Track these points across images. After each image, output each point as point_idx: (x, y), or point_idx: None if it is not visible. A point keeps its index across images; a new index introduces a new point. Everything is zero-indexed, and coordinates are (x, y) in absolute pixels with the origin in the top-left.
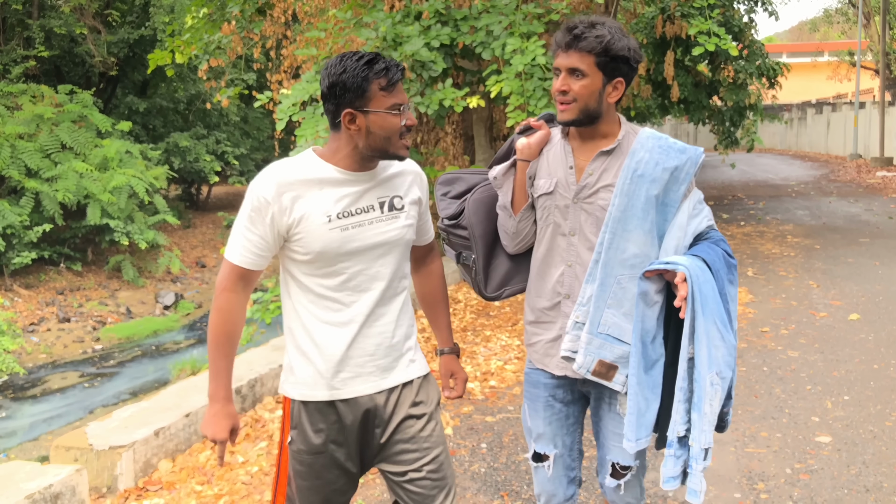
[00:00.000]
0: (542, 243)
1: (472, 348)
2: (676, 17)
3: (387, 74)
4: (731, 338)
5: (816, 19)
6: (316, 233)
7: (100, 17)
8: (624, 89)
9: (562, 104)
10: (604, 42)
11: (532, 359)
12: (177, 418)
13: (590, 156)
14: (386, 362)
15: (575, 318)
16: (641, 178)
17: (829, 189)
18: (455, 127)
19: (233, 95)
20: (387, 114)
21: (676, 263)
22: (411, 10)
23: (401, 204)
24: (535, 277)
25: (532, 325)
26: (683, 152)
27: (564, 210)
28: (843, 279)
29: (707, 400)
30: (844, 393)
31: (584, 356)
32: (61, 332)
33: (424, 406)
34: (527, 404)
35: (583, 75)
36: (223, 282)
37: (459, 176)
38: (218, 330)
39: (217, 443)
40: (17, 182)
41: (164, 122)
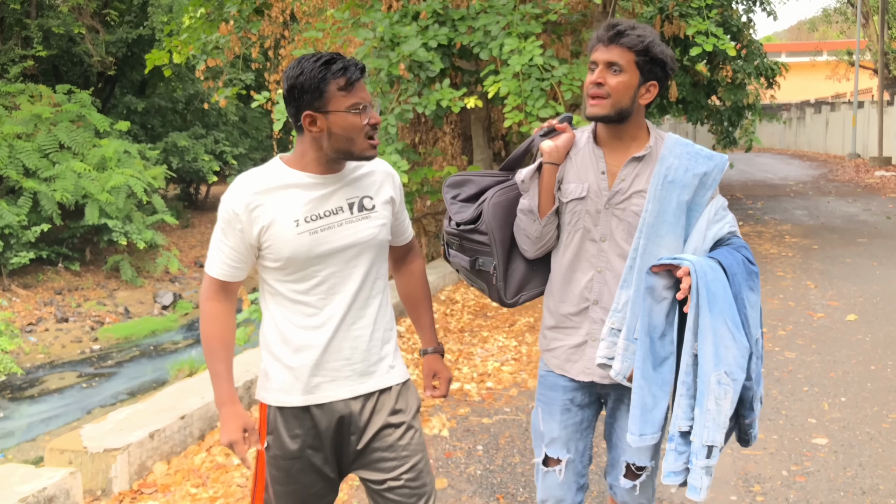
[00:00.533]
0: (570, 248)
1: (470, 349)
2: (675, 16)
3: (345, 74)
4: (743, 340)
5: (815, 19)
6: (284, 239)
7: (98, 16)
8: (656, 93)
9: (594, 97)
10: (645, 42)
11: (550, 364)
12: (172, 420)
13: (620, 160)
14: (363, 367)
15: (611, 325)
16: (672, 184)
17: (827, 189)
18: (453, 127)
19: (230, 95)
20: (347, 113)
21: (682, 259)
22: (409, 10)
23: (371, 204)
24: (561, 282)
25: (553, 330)
26: (711, 159)
27: (595, 215)
28: (841, 279)
29: (712, 397)
30: (841, 394)
31: (621, 362)
32: (59, 332)
33: (403, 414)
34: (541, 408)
35: (620, 70)
36: (205, 293)
37: (469, 178)
38: (209, 336)
39: (233, 446)
40: (15, 182)
41: (162, 122)
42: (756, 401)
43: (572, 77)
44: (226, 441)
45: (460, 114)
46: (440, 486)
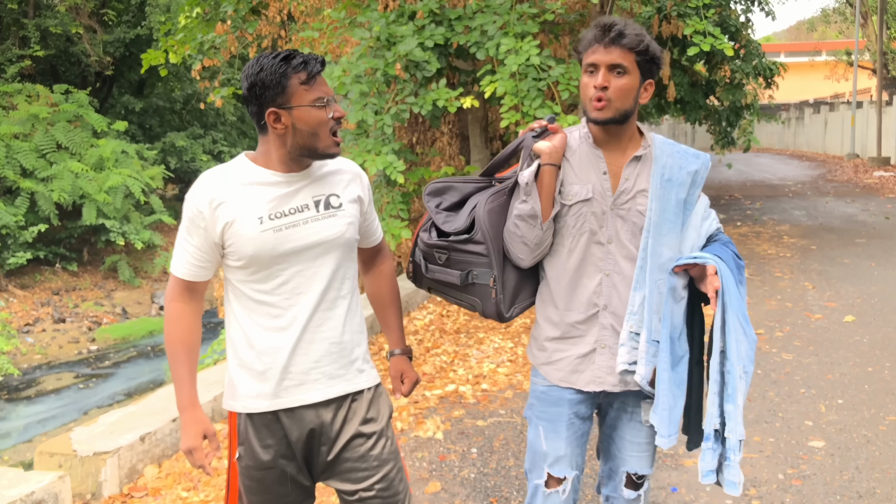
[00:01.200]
0: (575, 252)
1: (465, 351)
2: (673, 16)
3: (305, 68)
4: (752, 333)
5: (814, 19)
6: (247, 236)
7: (96, 16)
8: (653, 91)
9: (599, 101)
10: (645, 41)
11: (552, 377)
12: (163, 423)
13: (620, 160)
14: (332, 370)
15: (629, 329)
16: (670, 182)
17: (826, 189)
18: (451, 127)
19: (226, 95)
20: (311, 108)
21: (705, 257)
22: (405, 9)
23: (338, 202)
24: (566, 289)
25: (556, 341)
26: (698, 157)
27: (601, 217)
28: (839, 280)
29: (740, 392)
30: (838, 396)
31: (645, 366)
32: (56, 332)
33: (375, 423)
34: (542, 426)
35: (625, 72)
36: (170, 293)
37: (450, 185)
38: (172, 339)
39: (192, 452)
40: (12, 182)
41: (160, 122)
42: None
43: (569, 77)
44: (185, 447)
45: (458, 114)
46: (433, 489)
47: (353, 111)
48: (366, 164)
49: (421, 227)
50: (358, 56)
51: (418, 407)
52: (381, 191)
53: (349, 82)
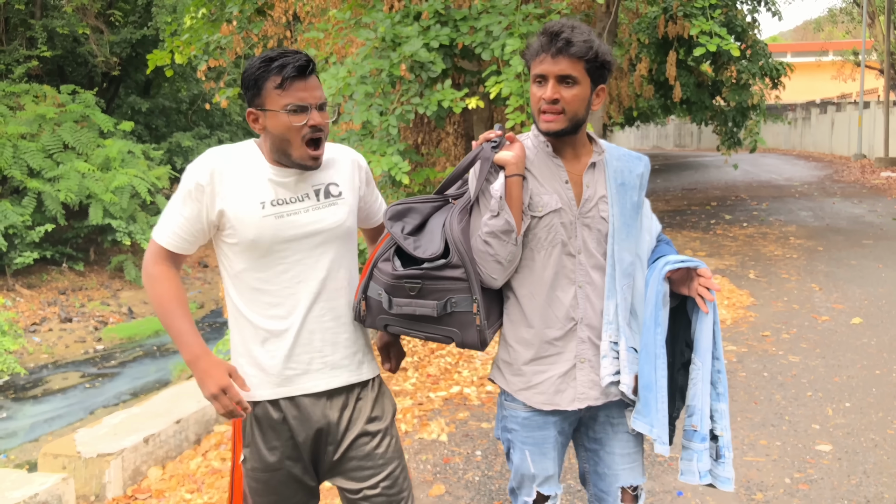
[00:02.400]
0: (549, 266)
1: (470, 352)
2: (679, 17)
3: (280, 72)
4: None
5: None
6: (249, 220)
7: (102, 16)
8: (605, 97)
9: (550, 114)
10: (594, 47)
11: (534, 402)
12: (167, 425)
13: (577, 168)
14: (334, 359)
15: (609, 339)
16: (623, 186)
17: (832, 190)
18: (456, 128)
19: (232, 96)
20: (281, 113)
21: (691, 260)
22: (411, 10)
23: (338, 191)
24: (542, 305)
25: (533, 363)
26: (640, 159)
27: (570, 227)
28: (846, 282)
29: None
30: (846, 399)
31: (628, 374)
32: (63, 332)
33: (380, 422)
34: (529, 450)
35: (574, 82)
36: (150, 259)
37: (409, 206)
38: (163, 296)
39: (225, 391)
40: (19, 182)
41: (166, 122)
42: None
43: None
44: (216, 388)
45: (463, 114)
46: (437, 492)
47: (358, 112)
48: (371, 165)
49: (376, 257)
50: (363, 57)
51: (423, 409)
52: (387, 191)
53: (354, 83)
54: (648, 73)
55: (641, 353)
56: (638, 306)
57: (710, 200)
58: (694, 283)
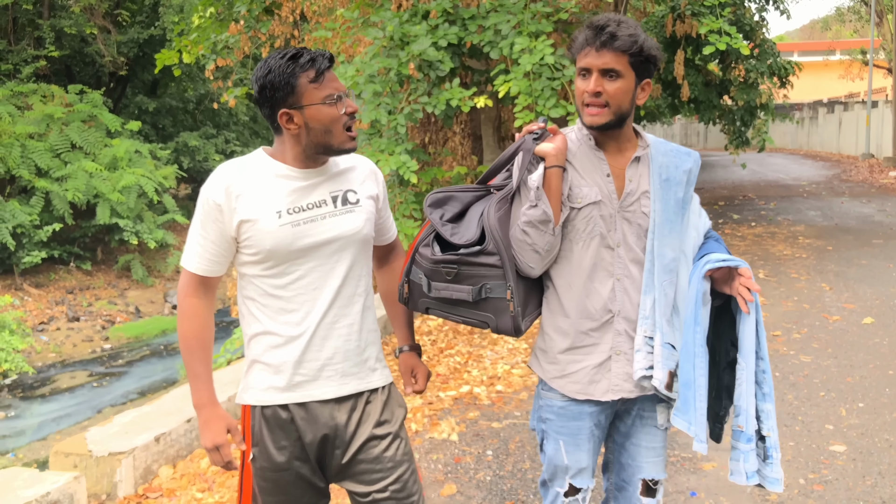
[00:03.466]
0: (587, 257)
1: (479, 352)
2: (687, 15)
3: (313, 66)
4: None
5: (828, 17)
6: (266, 230)
7: (110, 16)
8: (650, 91)
9: (593, 107)
10: (639, 41)
11: (569, 391)
12: (178, 423)
13: (621, 162)
14: (345, 367)
15: (643, 333)
16: (668, 182)
17: (841, 189)
18: (463, 127)
19: (239, 95)
20: (322, 105)
21: (736, 260)
22: (419, 9)
23: (356, 198)
24: (579, 296)
25: (569, 352)
26: (689, 155)
27: (610, 220)
28: (857, 281)
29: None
30: (859, 400)
31: (661, 370)
32: (70, 331)
33: (389, 425)
34: (563, 441)
35: (618, 76)
36: (184, 289)
37: (450, 194)
38: (188, 335)
39: (219, 449)
40: (27, 182)
41: (173, 122)
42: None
43: None
44: (210, 444)
45: (470, 114)
46: (449, 492)
47: (367, 111)
48: (379, 164)
49: (418, 242)
50: (371, 56)
51: (433, 408)
52: (395, 190)
53: (362, 82)
54: (656, 71)
55: (682, 350)
56: (680, 303)
57: (718, 200)
58: (735, 283)
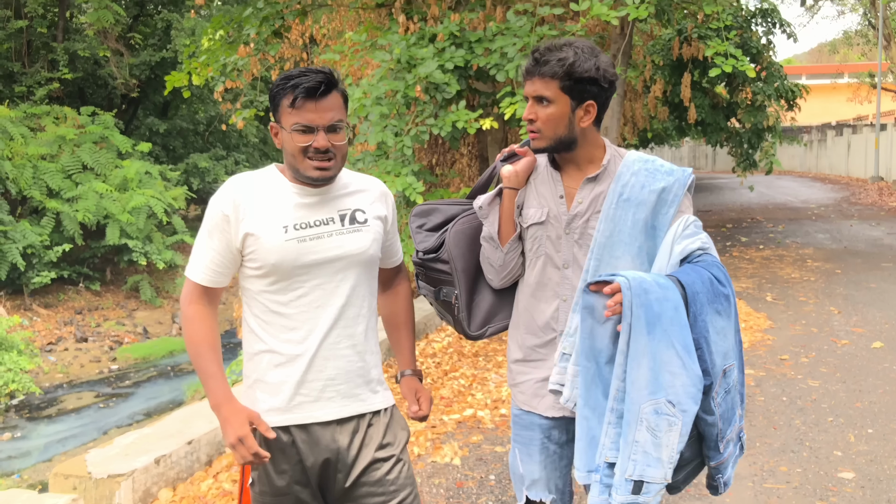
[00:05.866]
0: (532, 276)
1: (484, 374)
2: (693, 38)
3: (292, 91)
4: (695, 367)
5: (836, 41)
6: (270, 244)
7: (123, 39)
8: (597, 112)
9: (531, 133)
10: (566, 65)
11: (518, 400)
12: (179, 445)
13: (577, 183)
14: (347, 388)
15: (562, 350)
16: (627, 202)
17: (850, 212)
18: (470, 149)
19: (248, 117)
20: (290, 132)
21: (618, 275)
22: (426, 32)
23: (363, 218)
24: (525, 312)
25: (519, 363)
26: (671, 174)
27: (556, 241)
28: (866, 305)
29: (643, 427)
30: (868, 426)
31: (570, 389)
32: (78, 351)
33: (392, 448)
34: (518, 448)
35: (548, 102)
36: (187, 297)
37: (435, 207)
38: (196, 338)
39: (243, 441)
40: (38, 202)
41: (183, 143)
42: (723, 441)
43: None
44: (233, 439)
45: (477, 135)
46: None
47: (374, 133)
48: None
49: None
50: (378, 78)
51: (435, 432)
52: (401, 212)
53: (369, 104)
54: (663, 94)
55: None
56: None
57: (726, 222)
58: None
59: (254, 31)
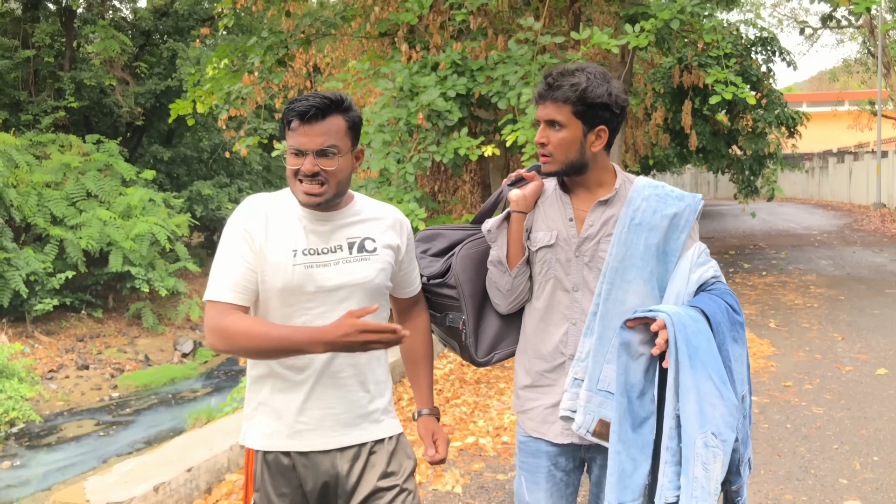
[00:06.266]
0: (541, 299)
1: (486, 401)
2: (694, 66)
3: (290, 114)
4: (732, 396)
5: (836, 69)
6: (279, 267)
7: (129, 68)
8: (608, 137)
9: (542, 156)
10: (579, 90)
11: (526, 427)
12: (178, 473)
13: (588, 206)
14: (348, 418)
15: (574, 375)
16: (639, 226)
17: (852, 238)
18: (472, 175)
19: (251, 145)
20: (288, 153)
21: (658, 310)
22: (428, 60)
23: (372, 247)
24: (533, 337)
25: (527, 389)
26: (682, 199)
27: (566, 264)
28: (870, 331)
29: (699, 463)
30: (873, 453)
31: (583, 415)
32: (79, 379)
33: (395, 477)
34: (524, 476)
35: (560, 126)
36: (215, 318)
37: (439, 232)
38: (246, 328)
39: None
40: (42, 230)
41: (187, 171)
42: (744, 465)
43: None
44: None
45: (479, 162)
46: None
47: (376, 160)
48: None
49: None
50: (381, 106)
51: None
52: None
53: (372, 132)
54: (664, 121)
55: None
56: None
57: (728, 249)
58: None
59: (258, 59)
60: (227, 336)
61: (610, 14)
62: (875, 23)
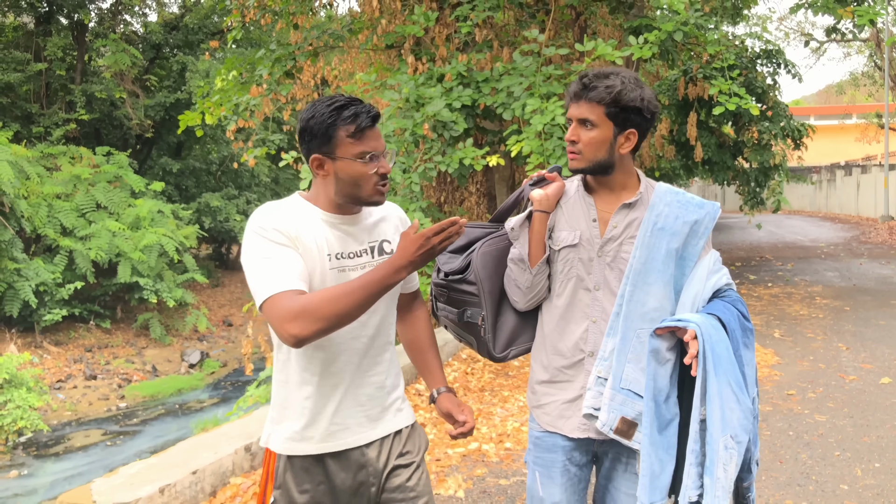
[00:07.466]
0: (562, 297)
1: (489, 409)
2: (699, 79)
3: (355, 121)
4: (746, 400)
5: (843, 82)
6: (318, 270)
7: (139, 81)
8: (637, 140)
9: (572, 153)
10: (613, 92)
11: (542, 421)
12: (183, 475)
13: (611, 208)
14: (375, 412)
15: (597, 374)
16: (662, 230)
17: (859, 251)
18: (478, 186)
19: (259, 155)
20: (354, 161)
21: (688, 321)
22: (434, 72)
23: (390, 248)
24: (552, 334)
25: (545, 384)
26: (702, 207)
27: (588, 263)
28: (874, 342)
29: (720, 464)
30: (875, 460)
31: (607, 413)
32: (87, 389)
33: (411, 455)
34: (538, 471)
35: (592, 126)
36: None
37: None
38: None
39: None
40: (52, 240)
41: (196, 183)
42: (753, 462)
43: None
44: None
45: (485, 172)
46: None
47: None
48: None
49: (434, 268)
50: (388, 117)
51: (440, 465)
52: None
53: None
54: (669, 133)
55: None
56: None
57: (735, 261)
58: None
59: (266, 71)
60: (312, 312)
61: (614, 26)
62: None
